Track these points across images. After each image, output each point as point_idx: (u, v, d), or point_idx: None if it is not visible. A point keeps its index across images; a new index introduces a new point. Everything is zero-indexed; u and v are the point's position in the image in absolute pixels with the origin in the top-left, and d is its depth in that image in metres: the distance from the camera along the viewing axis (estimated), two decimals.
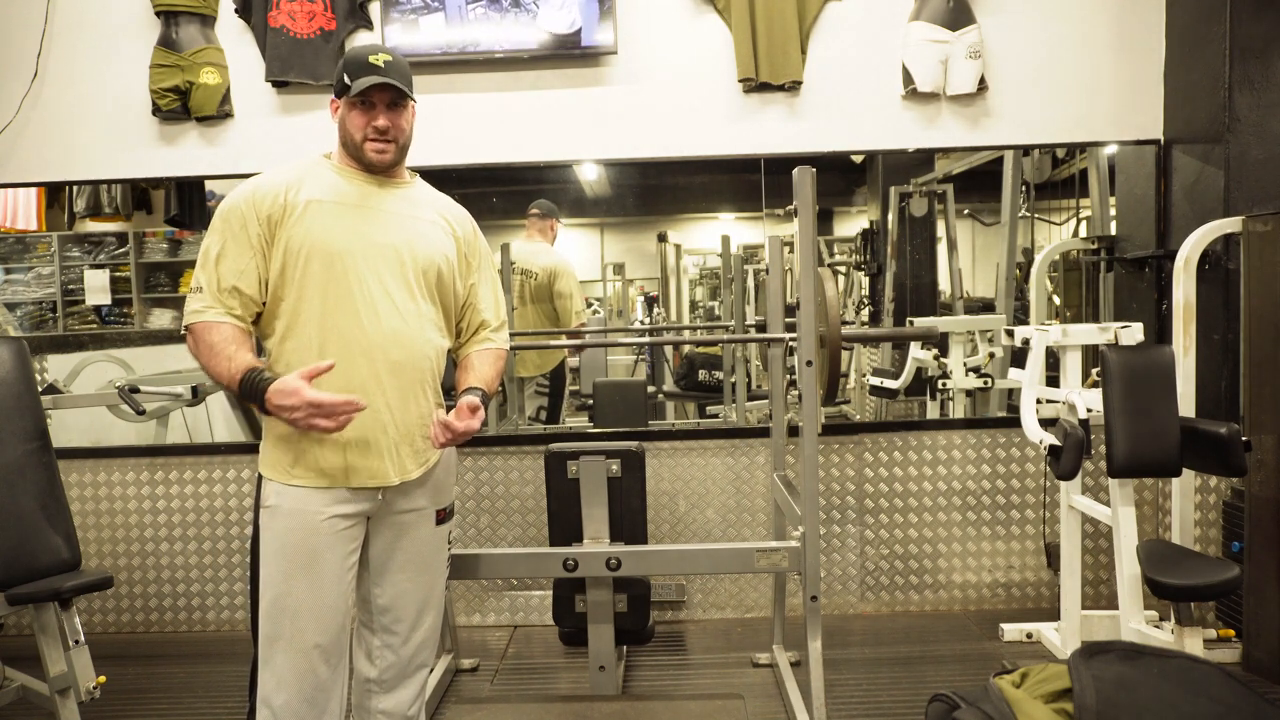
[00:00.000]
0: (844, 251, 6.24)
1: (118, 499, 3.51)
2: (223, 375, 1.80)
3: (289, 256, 1.83)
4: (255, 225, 1.83)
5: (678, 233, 6.29)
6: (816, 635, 2.41)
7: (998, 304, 4.87)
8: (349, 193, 1.91)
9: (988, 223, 5.54)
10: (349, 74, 1.88)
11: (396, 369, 1.87)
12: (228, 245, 1.83)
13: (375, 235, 1.88)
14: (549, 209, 4.47)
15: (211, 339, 1.80)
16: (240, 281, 1.83)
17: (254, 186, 1.87)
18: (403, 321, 1.88)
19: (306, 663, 1.83)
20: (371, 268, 1.86)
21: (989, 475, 3.49)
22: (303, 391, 1.71)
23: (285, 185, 1.87)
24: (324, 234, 1.84)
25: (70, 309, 5.00)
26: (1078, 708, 1.43)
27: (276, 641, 1.83)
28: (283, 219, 1.84)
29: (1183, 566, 2.48)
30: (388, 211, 1.92)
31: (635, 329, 5.95)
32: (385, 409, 1.86)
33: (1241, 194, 3.04)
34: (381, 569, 1.96)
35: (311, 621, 1.83)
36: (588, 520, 2.62)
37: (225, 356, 1.79)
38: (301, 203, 1.85)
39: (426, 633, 2.02)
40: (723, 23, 3.37)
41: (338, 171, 1.93)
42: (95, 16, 3.40)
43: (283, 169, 1.93)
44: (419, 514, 1.98)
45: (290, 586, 1.83)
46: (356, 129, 1.89)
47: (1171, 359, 2.67)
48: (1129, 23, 3.35)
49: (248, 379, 1.77)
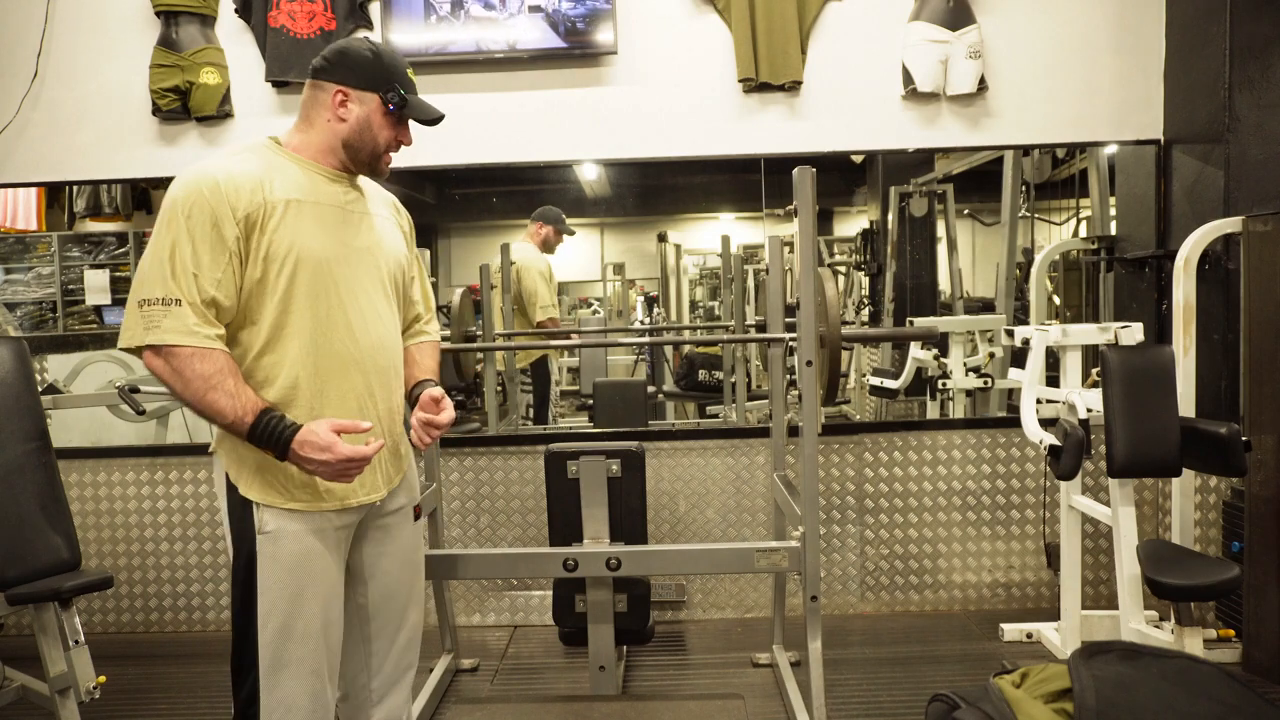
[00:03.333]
0: (844, 251, 6.25)
1: (118, 499, 3.51)
2: (224, 412, 1.61)
3: (270, 264, 1.67)
4: (231, 226, 1.63)
5: (678, 233, 6.29)
6: (816, 635, 2.41)
7: (998, 304, 4.88)
8: (322, 193, 1.77)
9: (988, 223, 5.54)
10: (402, 85, 1.80)
11: (383, 377, 1.83)
12: (199, 249, 1.61)
13: (352, 239, 1.79)
14: (540, 213, 4.53)
15: (202, 369, 1.60)
16: (219, 292, 1.63)
17: (218, 178, 1.64)
18: (385, 329, 1.84)
19: (319, 684, 1.76)
20: (355, 274, 1.77)
21: (989, 475, 3.49)
22: (337, 446, 1.62)
23: (258, 180, 1.67)
24: (310, 240, 1.71)
25: (70, 309, 5.01)
26: (1078, 708, 1.43)
27: (285, 669, 1.72)
28: (262, 221, 1.66)
29: (1183, 566, 2.48)
30: (358, 213, 1.83)
31: (635, 329, 5.96)
32: (376, 420, 1.81)
33: (1241, 194, 3.04)
34: (370, 574, 1.89)
35: (322, 642, 1.76)
36: (588, 520, 2.62)
37: (226, 392, 1.61)
38: (280, 203, 1.68)
39: (411, 631, 1.98)
40: (723, 23, 3.37)
41: (303, 166, 1.77)
42: (95, 16, 3.40)
43: (237, 158, 1.72)
44: (400, 514, 1.94)
45: (300, 611, 1.72)
46: (385, 139, 1.81)
47: (1171, 359, 2.67)
48: (1129, 23, 3.35)
49: (264, 423, 1.62)
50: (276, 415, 1.63)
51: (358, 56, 1.79)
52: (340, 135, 1.79)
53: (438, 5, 3.30)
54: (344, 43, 1.84)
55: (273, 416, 1.63)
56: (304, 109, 1.82)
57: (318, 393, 1.73)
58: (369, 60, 1.79)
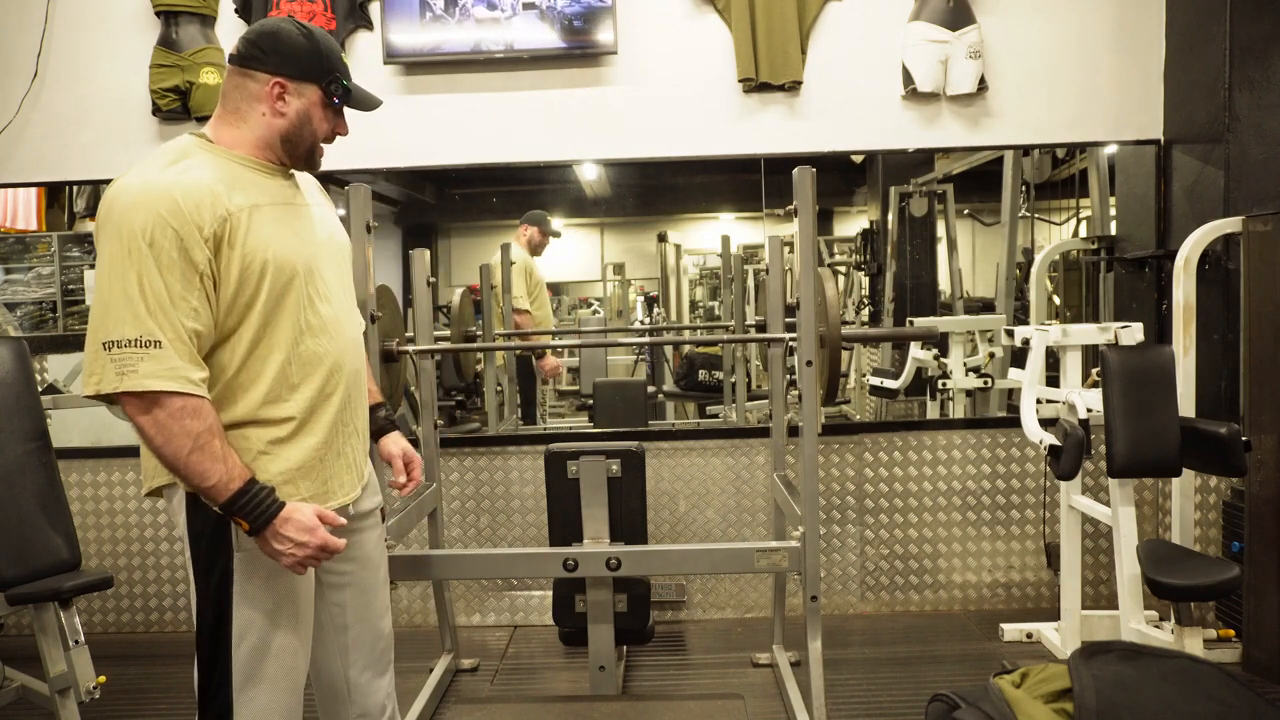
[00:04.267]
0: (844, 251, 6.24)
1: (118, 499, 3.50)
2: (207, 475, 1.48)
3: (245, 278, 1.53)
4: (200, 249, 1.48)
5: (678, 233, 6.29)
6: (816, 635, 2.41)
7: (998, 304, 4.87)
8: (274, 191, 1.64)
9: (988, 223, 5.54)
10: (340, 72, 1.67)
11: (355, 378, 1.76)
12: (169, 278, 1.45)
13: (309, 235, 1.68)
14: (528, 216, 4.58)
15: (191, 426, 1.46)
16: (197, 323, 1.49)
17: (174, 195, 1.48)
18: (354, 327, 1.78)
19: (294, 698, 1.70)
20: (321, 274, 1.67)
21: (989, 475, 3.49)
22: (319, 532, 1.54)
23: (213, 190, 1.51)
24: (279, 246, 1.58)
25: (70, 309, 5.00)
26: (1078, 708, 1.43)
27: (258, 684, 1.63)
28: (229, 235, 1.51)
29: (1183, 566, 2.48)
30: (306, 204, 1.72)
31: (635, 329, 5.95)
32: (353, 419, 1.76)
33: (1241, 194, 3.04)
34: (340, 583, 1.83)
35: (298, 659, 1.70)
36: (588, 520, 2.62)
37: (212, 455, 1.48)
38: (242, 211, 1.54)
39: (388, 639, 1.94)
40: (723, 23, 3.37)
41: (248, 165, 1.63)
42: (95, 16, 3.40)
43: (179, 166, 1.54)
44: (369, 517, 1.88)
45: (276, 627, 1.64)
46: (324, 132, 1.68)
47: (1171, 359, 2.67)
48: (1129, 23, 3.35)
49: (249, 496, 1.50)
50: (262, 488, 1.53)
51: (292, 42, 1.62)
52: (279, 130, 1.64)
53: (437, 5, 3.30)
54: (271, 24, 1.66)
55: (261, 488, 1.52)
56: (230, 100, 1.64)
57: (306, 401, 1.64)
58: (305, 47, 1.63)
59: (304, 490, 1.64)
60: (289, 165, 1.70)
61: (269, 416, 1.61)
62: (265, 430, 1.61)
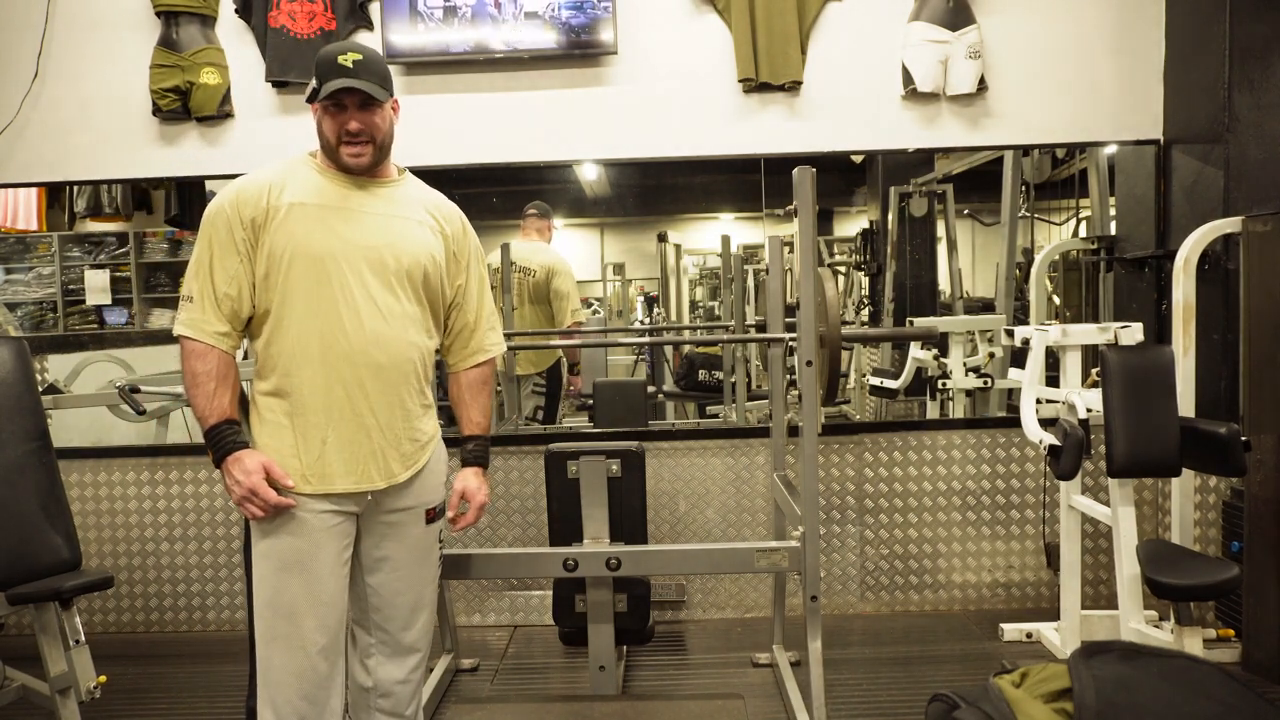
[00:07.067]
0: (844, 251, 6.25)
1: (118, 499, 3.51)
2: (198, 409, 1.83)
3: (272, 261, 1.83)
4: (240, 230, 1.82)
5: (678, 233, 6.30)
6: (816, 635, 2.41)
7: (998, 304, 4.88)
8: (331, 194, 1.88)
9: (988, 223, 5.54)
10: (318, 76, 1.85)
11: (379, 371, 1.87)
12: (216, 252, 1.83)
13: (357, 237, 1.86)
14: (544, 210, 4.50)
15: (196, 367, 1.82)
16: (232, 289, 1.83)
17: (237, 189, 1.86)
18: (385, 324, 1.87)
19: (306, 660, 1.84)
20: (354, 270, 1.85)
21: (989, 475, 3.49)
22: (255, 478, 1.78)
23: (268, 187, 1.85)
24: (306, 237, 1.83)
25: (71, 309, 5.01)
26: (1078, 708, 1.43)
27: (274, 641, 1.84)
28: (266, 223, 1.83)
29: (1182, 566, 2.48)
30: (370, 212, 1.90)
31: (635, 329, 5.96)
32: (369, 413, 1.87)
33: (1241, 194, 3.04)
34: (373, 567, 1.96)
35: (309, 619, 1.84)
36: (588, 520, 2.62)
37: (205, 393, 1.82)
38: (284, 205, 1.83)
39: (420, 631, 2.03)
40: (723, 23, 3.37)
41: (320, 172, 1.91)
42: (95, 17, 3.40)
43: (266, 169, 1.90)
44: (408, 513, 1.98)
45: (284, 585, 1.84)
46: (330, 132, 1.87)
47: (1171, 359, 2.67)
48: (1129, 23, 3.35)
49: (217, 432, 1.82)
50: (231, 429, 1.82)
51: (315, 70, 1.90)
52: (319, 141, 1.93)
53: (438, 6, 3.30)
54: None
55: (225, 429, 1.82)
56: None
57: (307, 380, 1.84)
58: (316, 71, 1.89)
59: (303, 468, 1.84)
60: (346, 169, 1.90)
61: (283, 390, 1.86)
62: (280, 402, 1.86)
